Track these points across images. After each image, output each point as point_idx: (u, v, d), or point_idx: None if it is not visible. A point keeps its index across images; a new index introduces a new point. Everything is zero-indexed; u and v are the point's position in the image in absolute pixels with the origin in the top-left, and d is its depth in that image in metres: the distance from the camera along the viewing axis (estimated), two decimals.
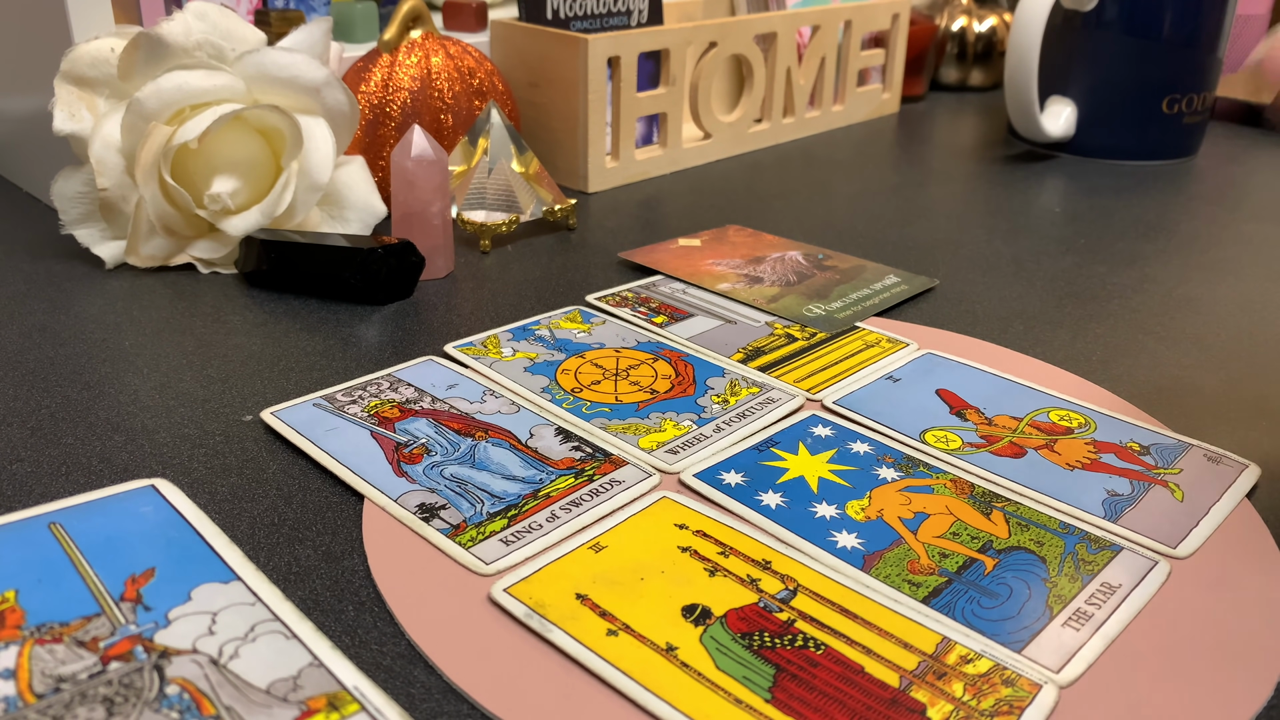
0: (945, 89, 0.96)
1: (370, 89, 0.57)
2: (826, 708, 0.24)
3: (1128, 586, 0.29)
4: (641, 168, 0.67)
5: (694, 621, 0.27)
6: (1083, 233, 0.58)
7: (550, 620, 0.27)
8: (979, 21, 0.94)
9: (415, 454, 0.34)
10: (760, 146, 0.75)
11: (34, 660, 0.25)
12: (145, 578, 0.28)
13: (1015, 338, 0.45)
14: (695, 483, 0.33)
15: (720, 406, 0.38)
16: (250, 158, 0.50)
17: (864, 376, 0.41)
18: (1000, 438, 0.36)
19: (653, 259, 0.52)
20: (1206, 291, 0.50)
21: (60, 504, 0.31)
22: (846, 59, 0.80)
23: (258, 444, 0.36)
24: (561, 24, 0.64)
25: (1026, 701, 0.25)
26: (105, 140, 0.48)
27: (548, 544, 0.30)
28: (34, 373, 0.40)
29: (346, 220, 0.53)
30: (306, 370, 0.41)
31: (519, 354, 0.42)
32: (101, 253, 0.50)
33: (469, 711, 0.25)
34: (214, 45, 0.49)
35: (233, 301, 0.47)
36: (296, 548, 0.30)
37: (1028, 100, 0.69)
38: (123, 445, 0.35)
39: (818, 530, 0.31)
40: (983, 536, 0.31)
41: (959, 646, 0.26)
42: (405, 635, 0.27)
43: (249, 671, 0.25)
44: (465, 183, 0.55)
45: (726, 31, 0.68)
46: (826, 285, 0.49)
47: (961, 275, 0.52)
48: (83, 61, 0.49)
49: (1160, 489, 0.34)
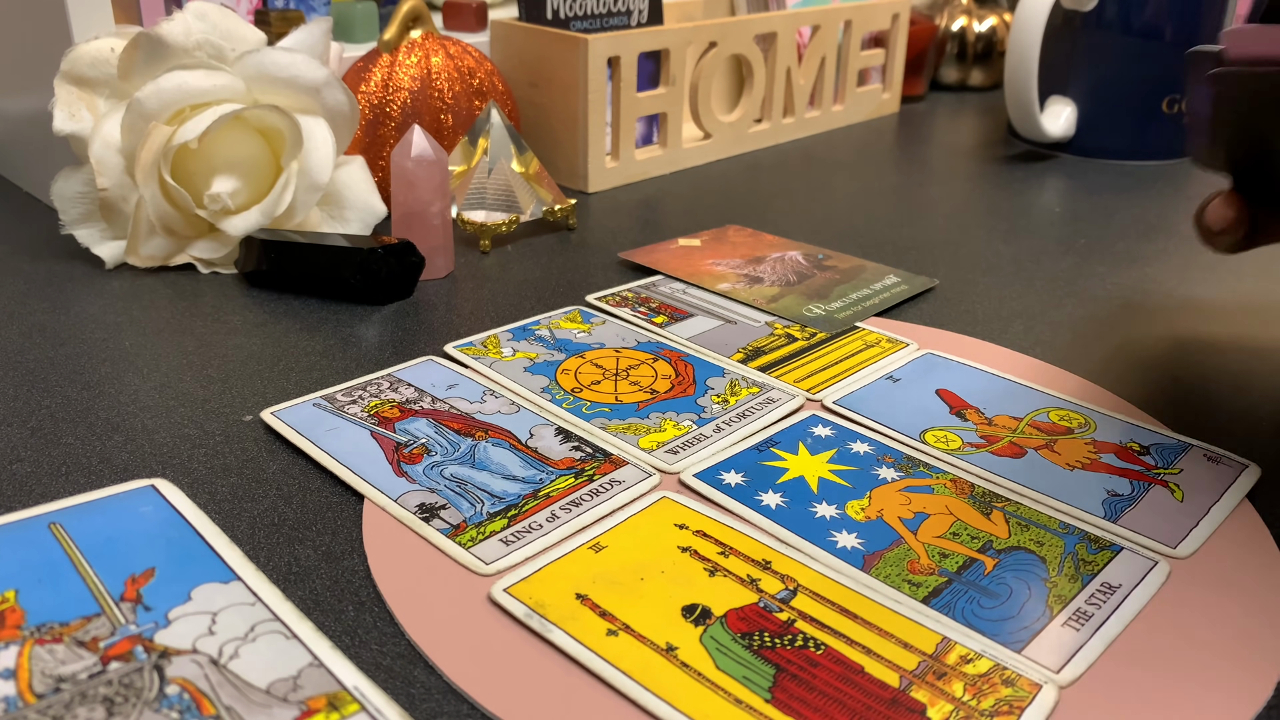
0: (945, 89, 0.96)
1: (370, 89, 0.57)
2: (826, 708, 0.24)
3: (1128, 586, 0.29)
4: (641, 168, 0.67)
5: (694, 621, 0.27)
6: (1083, 233, 0.58)
7: (550, 620, 0.27)
8: (979, 21, 0.94)
9: (415, 454, 0.34)
10: (760, 146, 0.75)
11: (34, 660, 0.25)
12: (145, 578, 0.28)
13: (1015, 338, 0.45)
14: (695, 483, 0.33)
15: (720, 406, 0.38)
16: (250, 158, 0.50)
17: (864, 376, 0.41)
18: (1000, 438, 0.36)
19: (653, 259, 0.52)
20: (1206, 291, 0.50)
21: (60, 504, 0.31)
22: (846, 59, 0.80)
23: (258, 444, 0.36)
24: (561, 24, 0.64)
25: (1026, 701, 0.25)
26: (105, 140, 0.48)
27: (548, 544, 0.30)
28: (34, 373, 0.40)
29: (346, 220, 0.53)
30: (306, 370, 0.41)
31: (519, 354, 0.42)
32: (101, 253, 0.50)
33: (469, 711, 0.25)
34: (214, 45, 0.49)
35: (233, 301, 0.47)
36: (296, 548, 0.30)
37: (1028, 100, 0.69)
38: (123, 445, 0.35)
39: (818, 530, 0.31)
40: (983, 536, 0.31)
41: (959, 646, 0.26)
42: (405, 635, 0.27)
43: (249, 671, 0.25)
44: (465, 183, 0.55)
45: (726, 31, 0.68)
46: (826, 285, 0.49)
47: (961, 275, 0.52)
48: (83, 61, 0.49)
49: (1160, 489, 0.34)
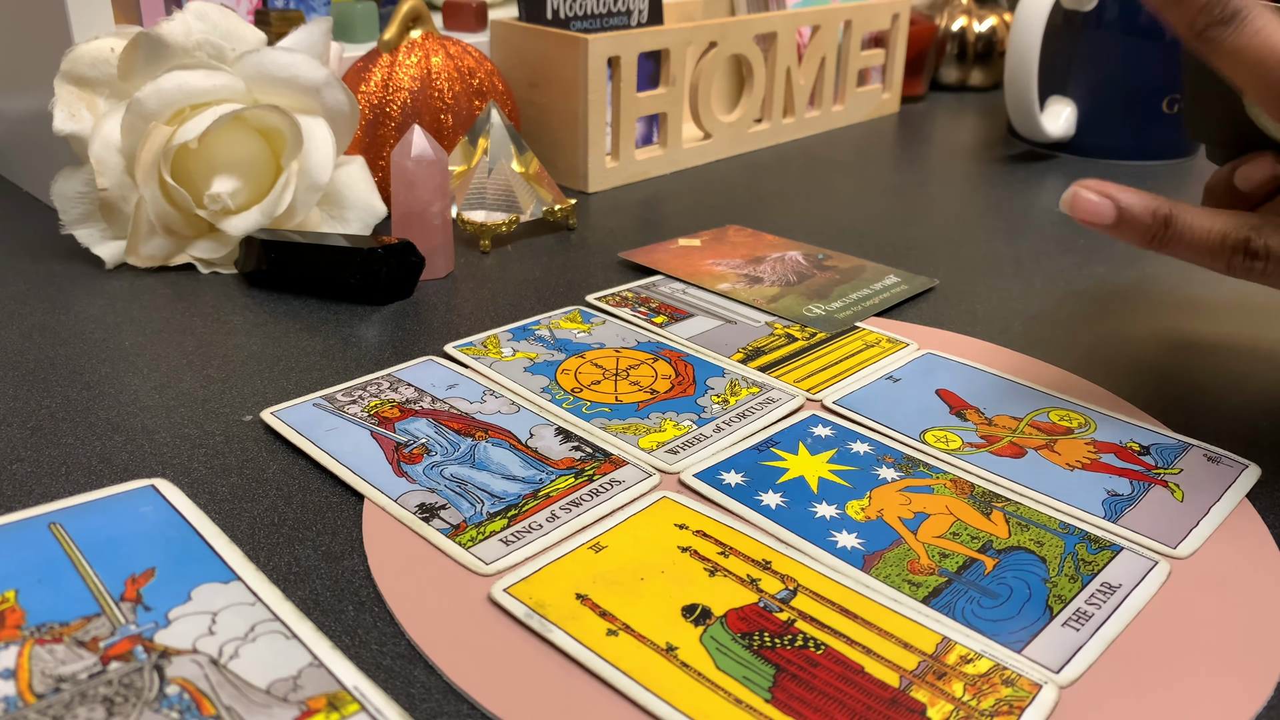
0: (945, 89, 0.96)
1: (370, 89, 0.57)
2: (826, 708, 0.24)
3: (1128, 586, 0.29)
4: (641, 168, 0.67)
5: (694, 621, 0.27)
6: (1083, 233, 0.58)
7: (550, 620, 0.27)
8: (979, 21, 0.94)
9: (415, 454, 0.34)
10: (760, 146, 0.75)
11: (34, 660, 0.25)
12: (145, 578, 0.28)
13: (1015, 338, 0.45)
14: (695, 483, 0.33)
15: (720, 406, 0.38)
16: (250, 158, 0.50)
17: (864, 376, 0.41)
18: (1000, 438, 0.36)
19: (653, 259, 0.52)
20: (1206, 291, 0.50)
21: (60, 504, 0.31)
22: (846, 59, 0.80)
23: (258, 444, 0.36)
24: (561, 24, 0.64)
25: (1026, 701, 0.25)
26: (105, 140, 0.48)
27: (548, 544, 0.30)
28: (34, 373, 0.40)
29: (346, 220, 0.53)
30: (306, 370, 0.41)
31: (519, 354, 0.42)
32: (101, 253, 0.50)
33: (469, 711, 0.25)
34: (214, 45, 0.49)
35: (233, 301, 0.47)
36: (296, 548, 0.30)
37: (1028, 100, 0.69)
38: (123, 445, 0.35)
39: (818, 530, 0.31)
40: (983, 536, 0.31)
41: (959, 646, 0.26)
42: (405, 635, 0.27)
43: (249, 671, 0.25)
44: (465, 183, 0.55)
45: (726, 31, 0.68)
46: (826, 285, 0.49)
47: (961, 275, 0.52)
48: (83, 61, 0.49)
49: (1160, 489, 0.34)
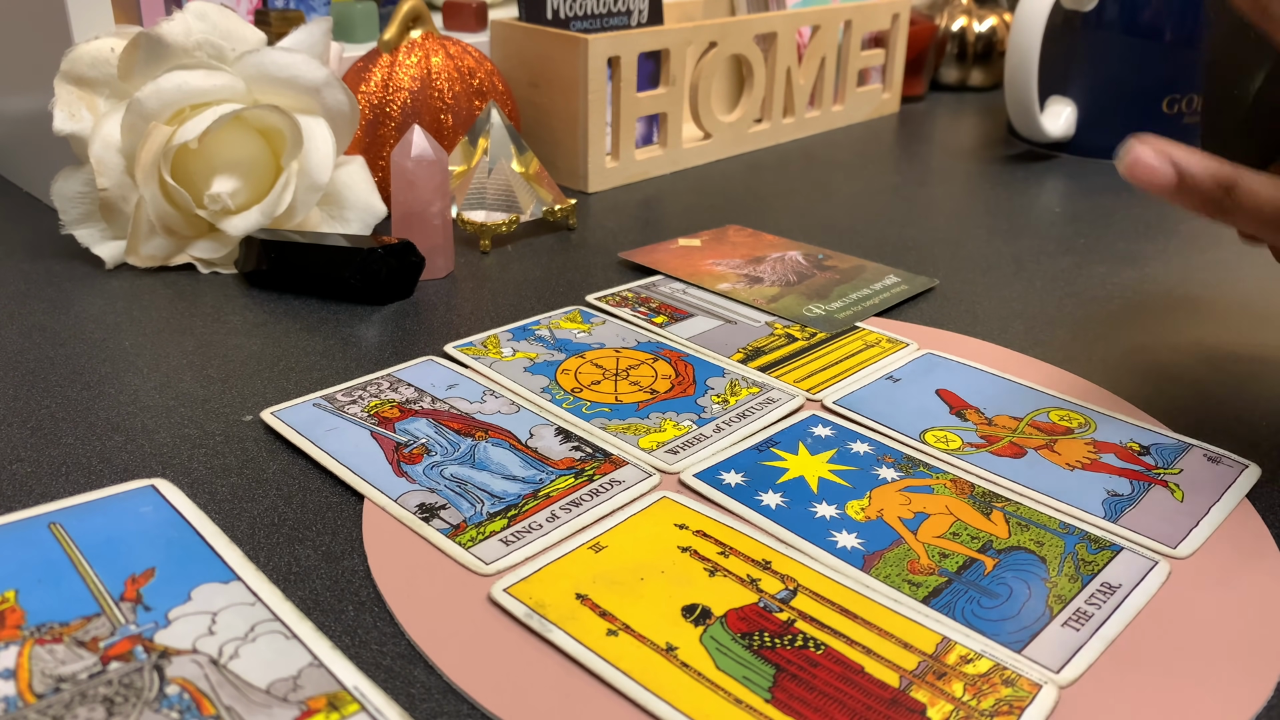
0: (945, 89, 0.96)
1: (370, 89, 0.57)
2: (826, 708, 0.24)
3: (1128, 586, 0.29)
4: (641, 168, 0.67)
5: (694, 621, 0.27)
6: (1083, 233, 0.58)
7: (550, 620, 0.27)
8: (979, 21, 0.94)
9: (415, 454, 0.34)
10: (760, 146, 0.75)
11: (34, 660, 0.25)
12: (145, 578, 0.28)
13: (1015, 338, 0.45)
14: (695, 483, 0.33)
15: (720, 406, 0.38)
16: (250, 158, 0.50)
17: (864, 376, 0.41)
18: (1000, 438, 0.36)
19: (653, 259, 0.52)
20: (1206, 291, 0.50)
21: (60, 504, 0.31)
22: (846, 59, 0.80)
23: (258, 444, 0.36)
24: (561, 24, 0.64)
25: (1026, 701, 0.25)
26: (105, 140, 0.48)
27: (548, 544, 0.30)
28: (34, 373, 0.40)
29: (346, 220, 0.53)
30: (306, 370, 0.41)
31: (519, 354, 0.42)
32: (101, 253, 0.50)
33: (469, 711, 0.25)
34: (214, 45, 0.49)
35: (233, 301, 0.47)
36: (296, 548, 0.30)
37: (1028, 100, 0.69)
38: (123, 445, 0.35)
39: (818, 530, 0.31)
40: (983, 536, 0.31)
41: (959, 646, 0.26)
42: (405, 635, 0.27)
43: (249, 671, 0.25)
44: (465, 183, 0.55)
45: (726, 31, 0.68)
46: (826, 285, 0.49)
47: (961, 275, 0.52)
48: (83, 61, 0.49)
49: (1160, 489, 0.34)
